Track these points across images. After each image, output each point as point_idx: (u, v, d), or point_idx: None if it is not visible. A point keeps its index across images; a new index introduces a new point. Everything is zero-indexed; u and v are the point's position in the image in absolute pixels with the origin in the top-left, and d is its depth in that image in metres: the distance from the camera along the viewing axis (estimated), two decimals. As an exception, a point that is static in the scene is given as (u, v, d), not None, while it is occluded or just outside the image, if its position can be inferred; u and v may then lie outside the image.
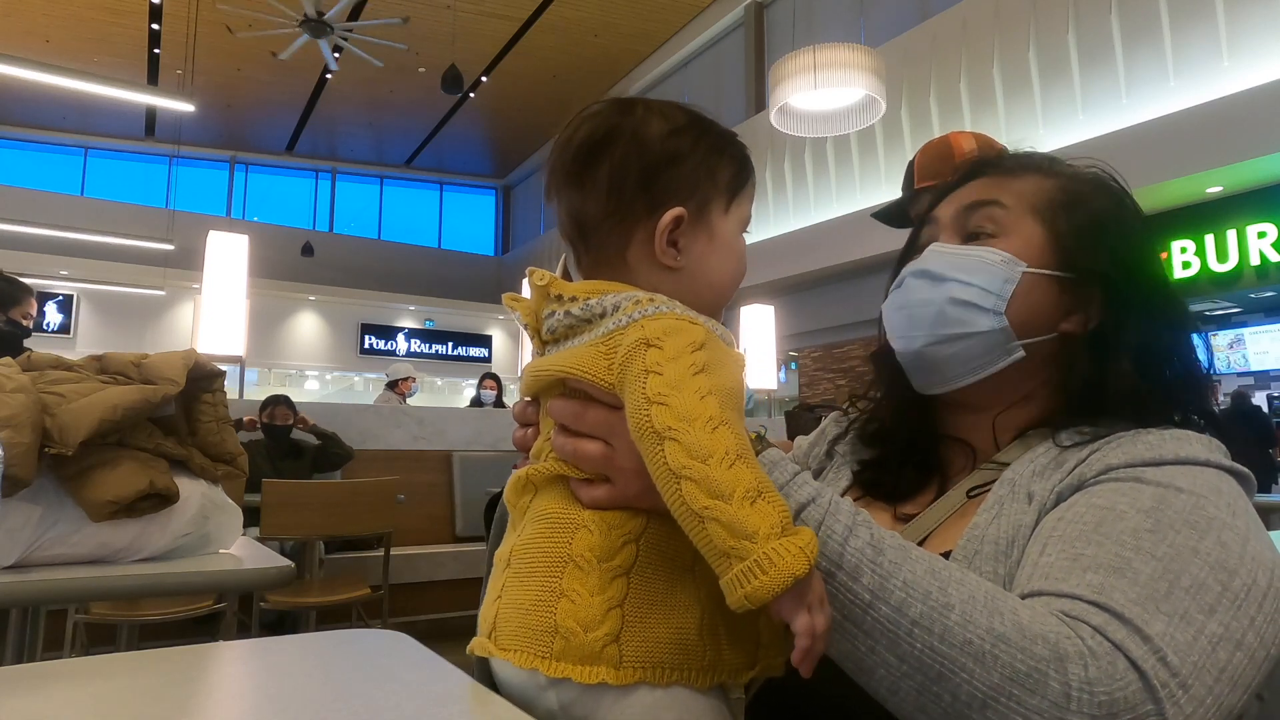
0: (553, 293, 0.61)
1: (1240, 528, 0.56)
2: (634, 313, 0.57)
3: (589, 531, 0.57)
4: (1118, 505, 0.57)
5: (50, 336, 11.08)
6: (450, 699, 0.58)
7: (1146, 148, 5.37)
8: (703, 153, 0.63)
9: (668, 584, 0.56)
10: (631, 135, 0.63)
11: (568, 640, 0.54)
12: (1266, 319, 6.54)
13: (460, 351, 14.37)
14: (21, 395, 1.19)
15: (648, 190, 0.62)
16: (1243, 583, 0.53)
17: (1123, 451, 0.62)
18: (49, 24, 9.98)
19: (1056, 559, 0.56)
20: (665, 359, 0.53)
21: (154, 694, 0.58)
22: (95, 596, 2.27)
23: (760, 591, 0.46)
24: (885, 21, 8.15)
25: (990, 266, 0.71)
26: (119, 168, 13.86)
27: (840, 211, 7.79)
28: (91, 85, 5.80)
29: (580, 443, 0.58)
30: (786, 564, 0.46)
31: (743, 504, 0.48)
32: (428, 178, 16.18)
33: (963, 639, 0.49)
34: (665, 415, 0.51)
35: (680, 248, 0.62)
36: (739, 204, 0.65)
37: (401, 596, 3.56)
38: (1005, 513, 0.64)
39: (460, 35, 10.18)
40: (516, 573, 0.59)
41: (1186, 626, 0.50)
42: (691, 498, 0.49)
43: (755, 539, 0.47)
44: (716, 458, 0.49)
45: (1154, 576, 0.52)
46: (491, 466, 4.55)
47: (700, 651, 0.55)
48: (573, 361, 0.58)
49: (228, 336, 3.85)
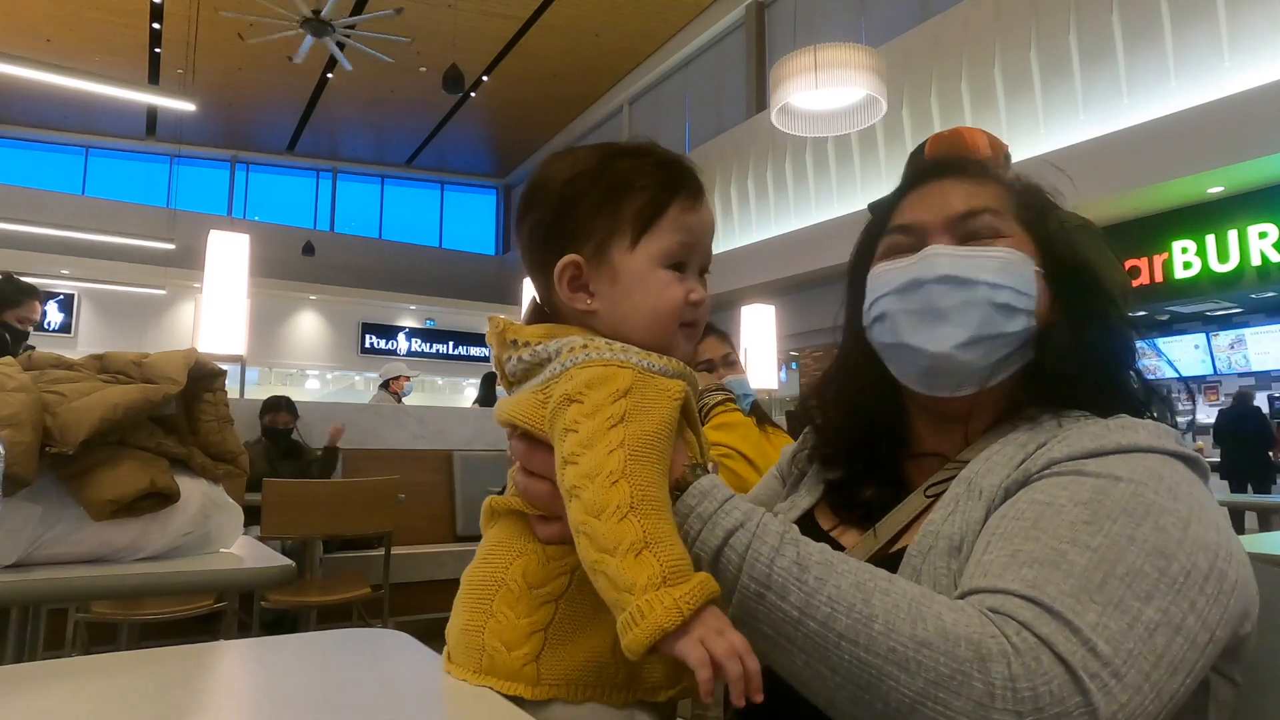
0: (508, 338, 0.65)
1: (1181, 511, 0.56)
2: (568, 360, 0.60)
3: (526, 559, 0.61)
4: (1056, 499, 0.58)
5: (51, 336, 11.09)
6: (450, 699, 0.58)
7: (1147, 148, 5.37)
8: (599, 194, 0.64)
9: (594, 610, 0.58)
10: (541, 186, 0.67)
11: (493, 658, 0.59)
12: (1268, 319, 6.54)
13: (461, 351, 14.36)
14: (22, 394, 1.20)
15: (549, 240, 0.65)
16: (1181, 566, 0.53)
17: (1066, 445, 0.62)
18: (50, 24, 9.98)
19: (995, 556, 0.56)
20: (584, 414, 0.56)
21: (154, 693, 0.58)
22: (96, 595, 2.27)
23: (634, 643, 0.49)
24: (886, 21, 8.14)
25: (1015, 267, 0.70)
26: (120, 167, 13.86)
27: (841, 211, 7.79)
28: (92, 85, 5.80)
29: (531, 482, 0.62)
30: (656, 616, 0.48)
31: (625, 557, 0.50)
32: (428, 177, 16.17)
33: (887, 648, 0.51)
34: (573, 474, 0.54)
35: (591, 290, 0.64)
36: (654, 234, 0.64)
37: (402, 596, 3.55)
38: (960, 510, 0.64)
39: (461, 35, 10.18)
40: (461, 594, 0.64)
41: (1121, 615, 0.51)
42: (585, 551, 0.53)
43: (633, 591, 0.50)
44: (608, 512, 0.52)
45: (1089, 567, 0.53)
46: (492, 466, 4.55)
47: (614, 671, 0.59)
48: (516, 408, 0.62)
49: (229, 336, 3.85)
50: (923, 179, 0.77)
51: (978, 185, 0.75)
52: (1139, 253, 6.13)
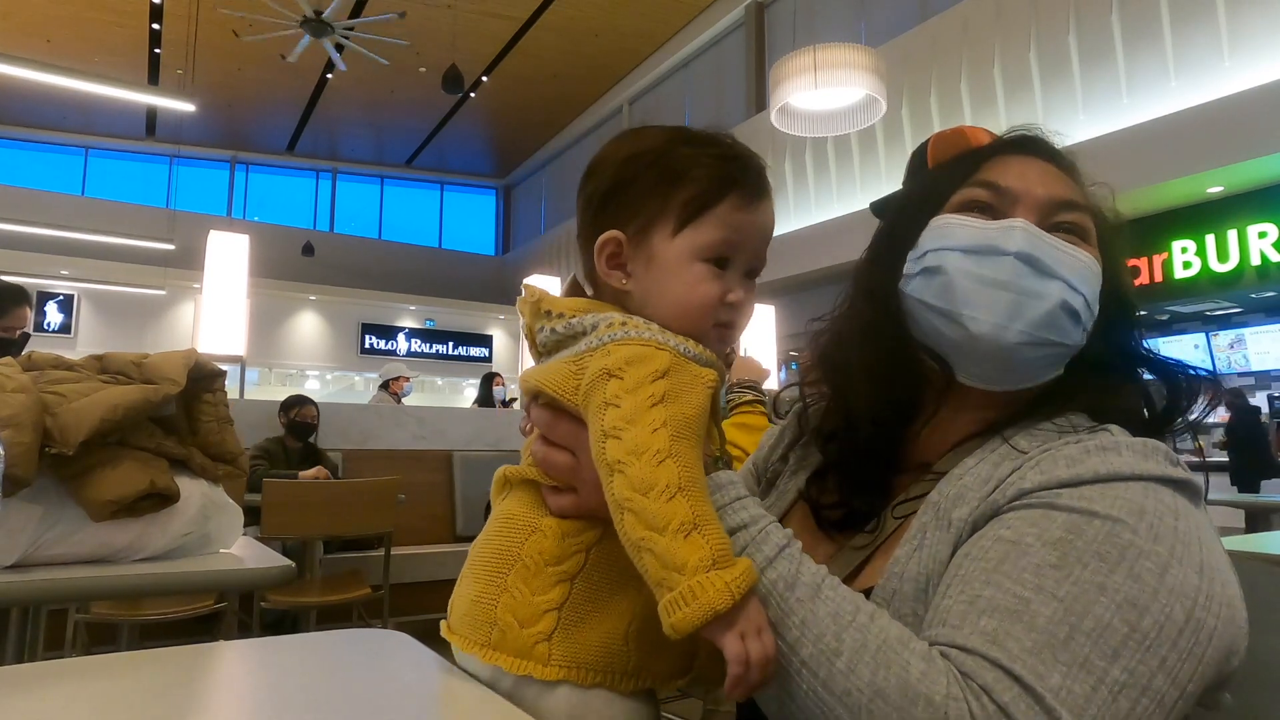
0: (543, 309, 0.64)
1: (1161, 554, 0.51)
2: (605, 335, 0.60)
3: (542, 536, 0.60)
4: (1024, 538, 0.53)
5: (51, 336, 11.08)
6: (450, 699, 0.58)
7: (1147, 148, 5.37)
8: (653, 176, 0.63)
9: (609, 592, 0.59)
10: (604, 160, 0.66)
11: (504, 633, 0.58)
12: (1267, 319, 6.53)
13: (461, 351, 14.36)
14: (22, 395, 1.20)
15: (599, 214, 0.65)
16: (1154, 620, 0.49)
17: (1040, 471, 0.57)
18: (49, 24, 9.98)
19: (954, 603, 0.53)
20: (624, 390, 0.56)
21: (154, 694, 0.58)
22: (96, 596, 2.27)
23: (683, 623, 0.49)
24: (885, 21, 8.14)
25: (1093, 279, 0.65)
26: (120, 167, 13.86)
27: (841, 211, 7.79)
28: (92, 85, 5.80)
29: (551, 452, 0.61)
30: (709, 598, 0.49)
31: (675, 537, 0.50)
32: (428, 177, 16.17)
33: (843, 688, 0.49)
34: (617, 449, 0.54)
35: (629, 270, 0.64)
36: (698, 226, 0.62)
37: (402, 596, 3.55)
38: (927, 543, 0.60)
39: (460, 35, 10.18)
40: (471, 565, 0.63)
41: (1086, 676, 0.47)
42: (630, 529, 0.52)
43: (684, 571, 0.50)
44: (657, 491, 0.52)
45: (1053, 620, 0.49)
46: (492, 466, 4.49)
47: (625, 658, 0.58)
48: (545, 376, 0.61)
49: (228, 336, 3.85)
50: (1015, 149, 0.71)
51: (1072, 180, 0.70)
52: (1138, 253, 6.13)
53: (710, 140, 0.65)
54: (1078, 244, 0.65)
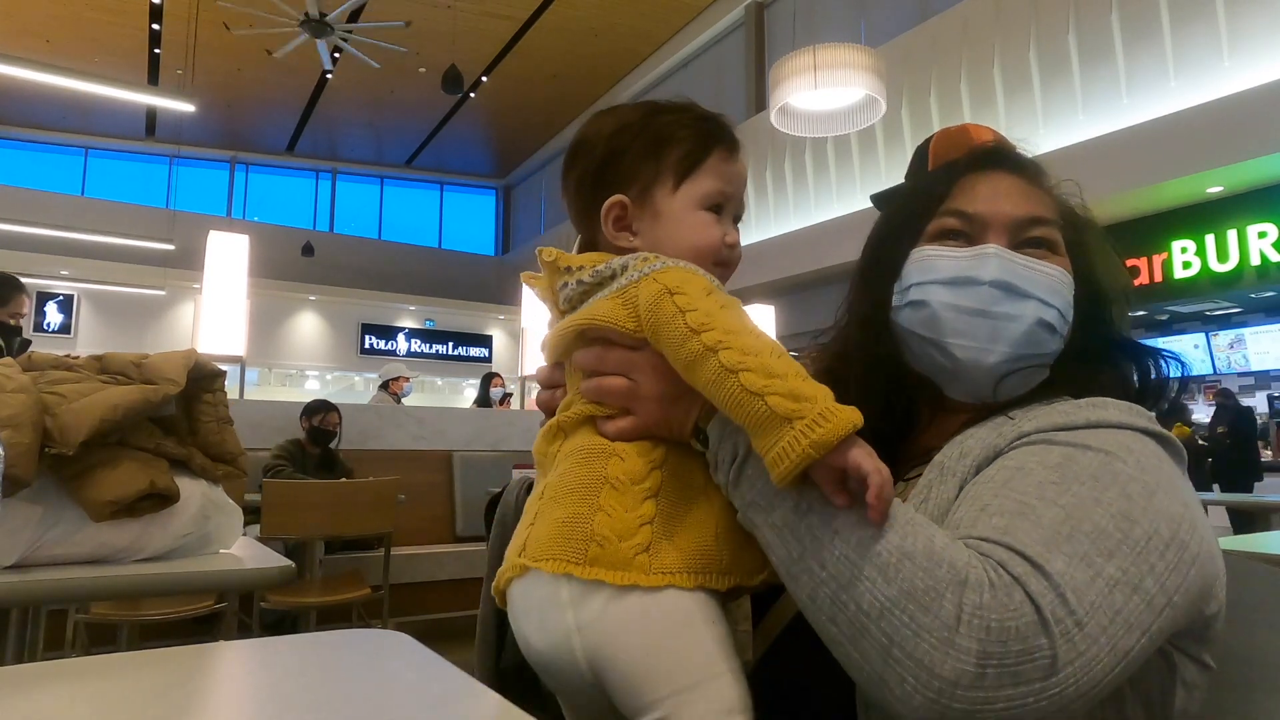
0: (561, 265, 0.70)
1: (1148, 482, 0.57)
2: (644, 268, 0.65)
3: (621, 459, 0.64)
4: (1026, 464, 0.60)
5: (51, 336, 11.09)
6: (450, 699, 0.58)
7: (1147, 148, 5.37)
8: (643, 144, 0.71)
9: (688, 504, 0.63)
10: (588, 140, 0.73)
11: (603, 548, 0.60)
12: (1267, 319, 6.54)
13: (460, 351, 14.36)
14: (22, 395, 1.20)
15: (597, 187, 0.72)
16: (1144, 531, 0.54)
17: (1036, 421, 0.64)
18: (49, 24, 9.98)
19: (965, 513, 0.58)
20: (693, 299, 0.61)
21: (154, 694, 0.58)
22: (96, 596, 2.27)
23: (824, 439, 0.52)
24: (885, 21, 8.14)
25: (1064, 290, 0.71)
26: (119, 168, 13.85)
27: (841, 211, 7.78)
28: (92, 85, 5.80)
29: (605, 380, 0.66)
30: (846, 415, 0.53)
31: (797, 379, 0.56)
32: (428, 178, 16.17)
33: (872, 550, 0.53)
34: (714, 335, 0.59)
35: (635, 230, 0.71)
36: (695, 179, 0.70)
37: (401, 596, 3.55)
38: (933, 495, 0.65)
39: (460, 35, 10.18)
40: (552, 498, 0.65)
41: (1085, 568, 0.52)
42: (750, 382, 0.56)
43: (815, 401, 0.54)
44: (766, 352, 0.57)
45: (1056, 521, 0.54)
46: (491, 466, 4.55)
47: (718, 558, 0.62)
48: (593, 313, 0.66)
49: (228, 336, 3.85)
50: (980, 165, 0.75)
51: (1036, 190, 0.74)
52: (1138, 253, 6.13)
53: (682, 108, 0.74)
54: (1047, 257, 0.71)
